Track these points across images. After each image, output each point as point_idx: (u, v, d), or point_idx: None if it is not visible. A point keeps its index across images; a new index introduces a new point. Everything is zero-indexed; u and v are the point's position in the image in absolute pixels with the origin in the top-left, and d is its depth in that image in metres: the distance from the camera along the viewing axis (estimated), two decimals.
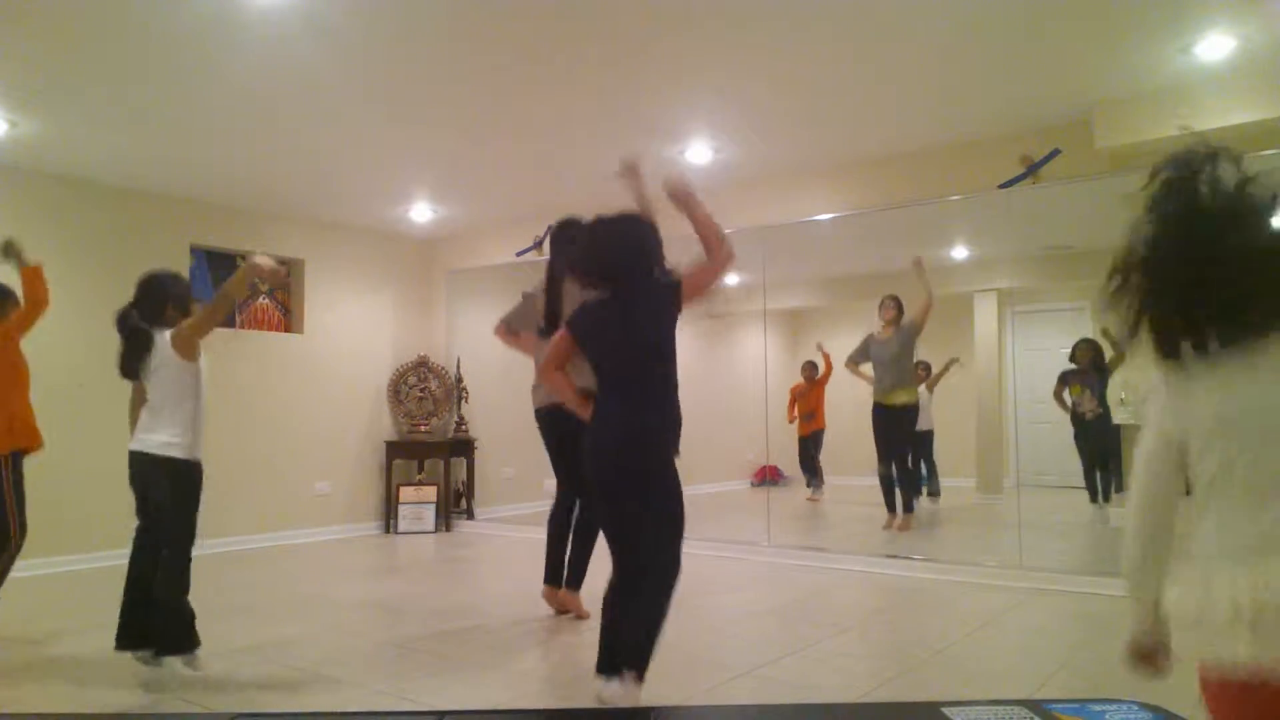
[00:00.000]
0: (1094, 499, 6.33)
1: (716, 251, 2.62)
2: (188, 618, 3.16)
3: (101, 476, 5.31)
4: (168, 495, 3.16)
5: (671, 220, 2.92)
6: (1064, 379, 6.47)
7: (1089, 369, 6.32)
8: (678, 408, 2.65)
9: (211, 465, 6.36)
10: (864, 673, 3.24)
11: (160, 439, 3.15)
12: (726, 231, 2.72)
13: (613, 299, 2.62)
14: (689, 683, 3.19)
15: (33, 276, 3.82)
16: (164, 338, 3.20)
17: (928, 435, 7.23)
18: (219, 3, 3.38)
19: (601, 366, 2.65)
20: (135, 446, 3.19)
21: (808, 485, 8.29)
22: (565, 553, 4.16)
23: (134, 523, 3.30)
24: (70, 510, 5.30)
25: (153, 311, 3.24)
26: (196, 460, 3.24)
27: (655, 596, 2.56)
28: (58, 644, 3.78)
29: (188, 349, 3.19)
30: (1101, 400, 6.27)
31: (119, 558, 3.21)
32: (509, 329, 4.41)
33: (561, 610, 4.15)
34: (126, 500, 3.27)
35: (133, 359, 3.22)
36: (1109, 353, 6.19)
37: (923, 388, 6.94)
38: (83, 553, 5.45)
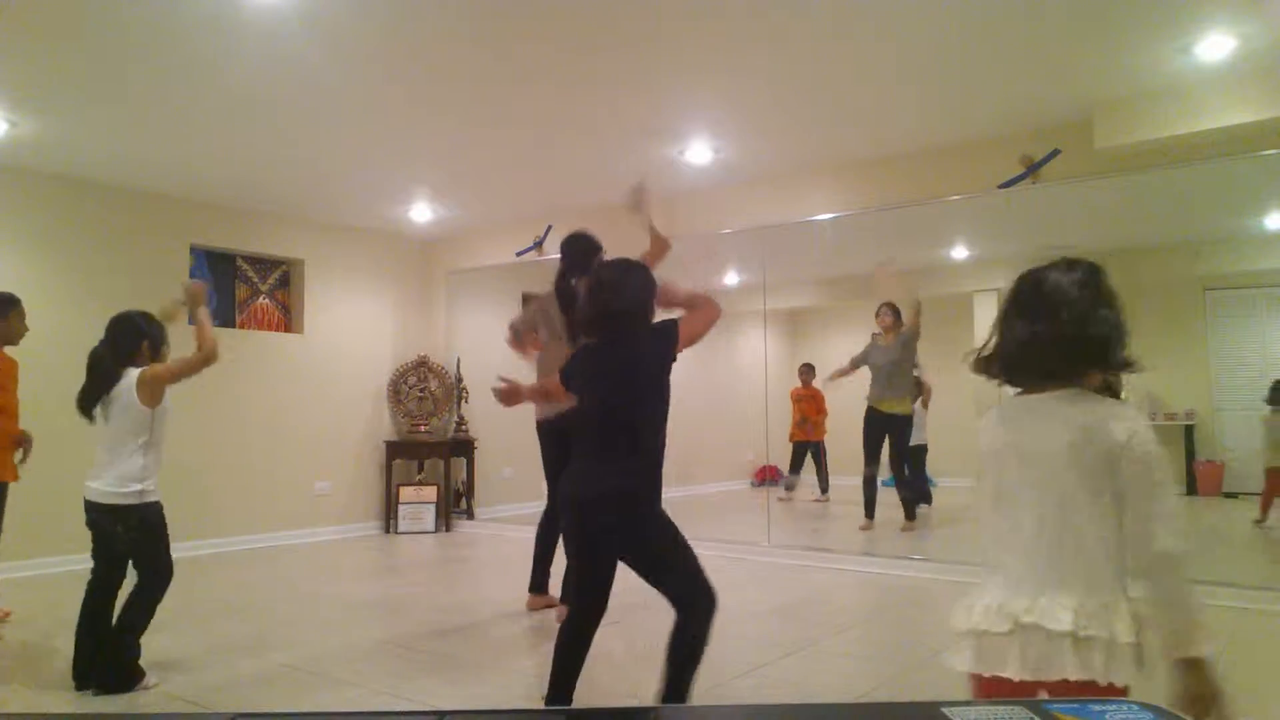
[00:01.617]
0: None
1: (708, 305, 2.60)
2: (134, 655, 3.11)
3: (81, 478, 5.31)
4: (129, 541, 3.12)
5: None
6: None
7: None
8: (658, 469, 2.55)
9: (212, 465, 6.38)
10: (864, 673, 3.24)
11: (111, 486, 3.09)
12: (725, 232, 2.73)
13: (608, 349, 2.56)
14: None
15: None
16: (129, 378, 3.13)
17: (921, 449, 7.23)
18: (218, 2, 3.38)
19: (587, 417, 2.59)
20: (89, 496, 3.13)
21: (785, 487, 8.25)
22: (552, 561, 4.19)
23: None
24: (68, 510, 5.28)
25: (127, 352, 3.18)
26: (153, 502, 3.17)
27: (701, 629, 2.47)
28: (57, 644, 3.77)
29: (152, 395, 3.14)
30: None
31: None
32: (516, 337, 4.42)
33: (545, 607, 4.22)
34: None
35: (91, 396, 3.16)
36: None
37: (918, 404, 6.94)
38: (81, 553, 5.44)
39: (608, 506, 2.49)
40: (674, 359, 2.54)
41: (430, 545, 6.63)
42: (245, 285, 6.83)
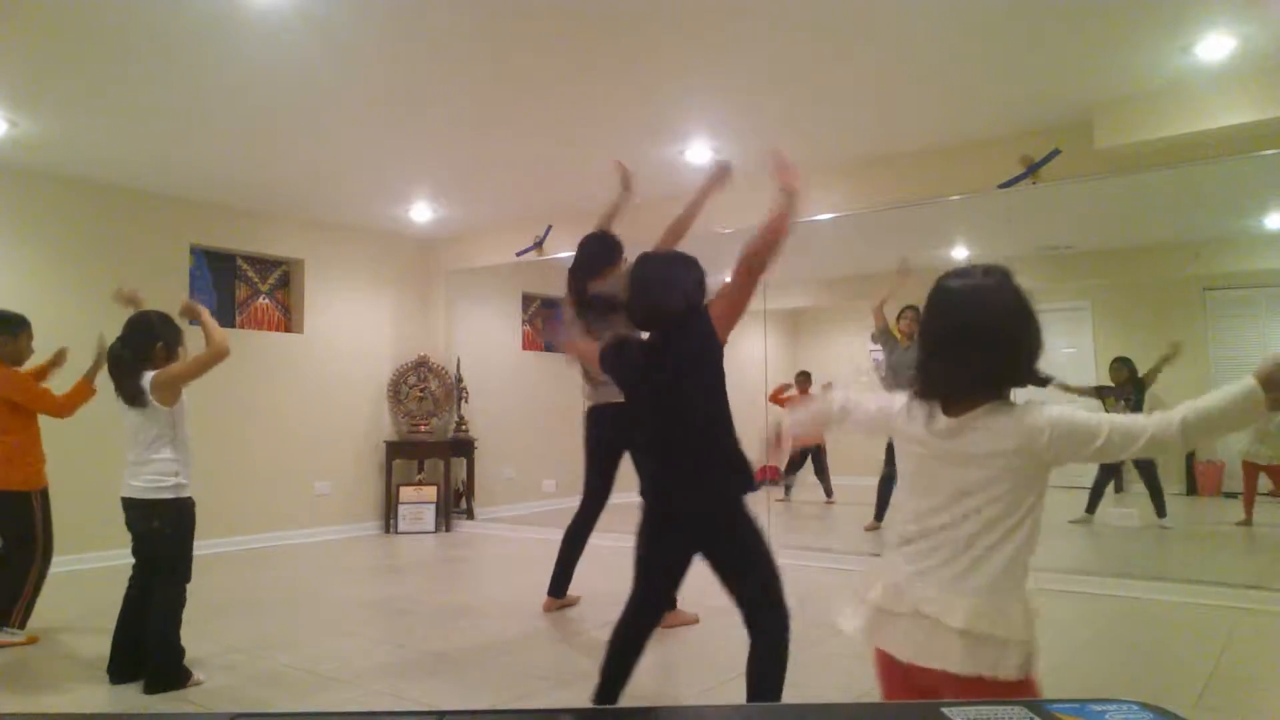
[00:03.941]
0: (1089, 510, 6.33)
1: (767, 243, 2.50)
2: (178, 655, 3.15)
3: (100, 476, 5.30)
4: (159, 535, 3.16)
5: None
6: (1100, 393, 6.49)
7: (1125, 384, 6.37)
8: (735, 450, 2.47)
9: (212, 465, 6.38)
10: (864, 673, 3.23)
11: (148, 481, 3.14)
12: (725, 231, 2.71)
13: (654, 348, 2.47)
14: (689, 683, 3.20)
15: (83, 389, 3.90)
16: (145, 380, 3.18)
17: None
18: (218, 2, 3.38)
19: (656, 423, 2.49)
20: (127, 494, 3.18)
21: (785, 489, 8.24)
22: (575, 566, 4.17)
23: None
24: (71, 510, 5.29)
25: (140, 351, 3.22)
26: (186, 498, 3.23)
27: (771, 655, 2.42)
28: (58, 644, 3.78)
29: (168, 395, 3.18)
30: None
31: (118, 558, 3.21)
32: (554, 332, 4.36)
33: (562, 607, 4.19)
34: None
35: (129, 387, 3.20)
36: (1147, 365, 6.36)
37: None
38: (83, 552, 5.44)
39: (695, 503, 2.43)
40: (721, 347, 2.45)
41: (430, 545, 6.63)
42: (245, 285, 6.83)
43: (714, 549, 2.44)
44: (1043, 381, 1.50)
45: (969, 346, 1.48)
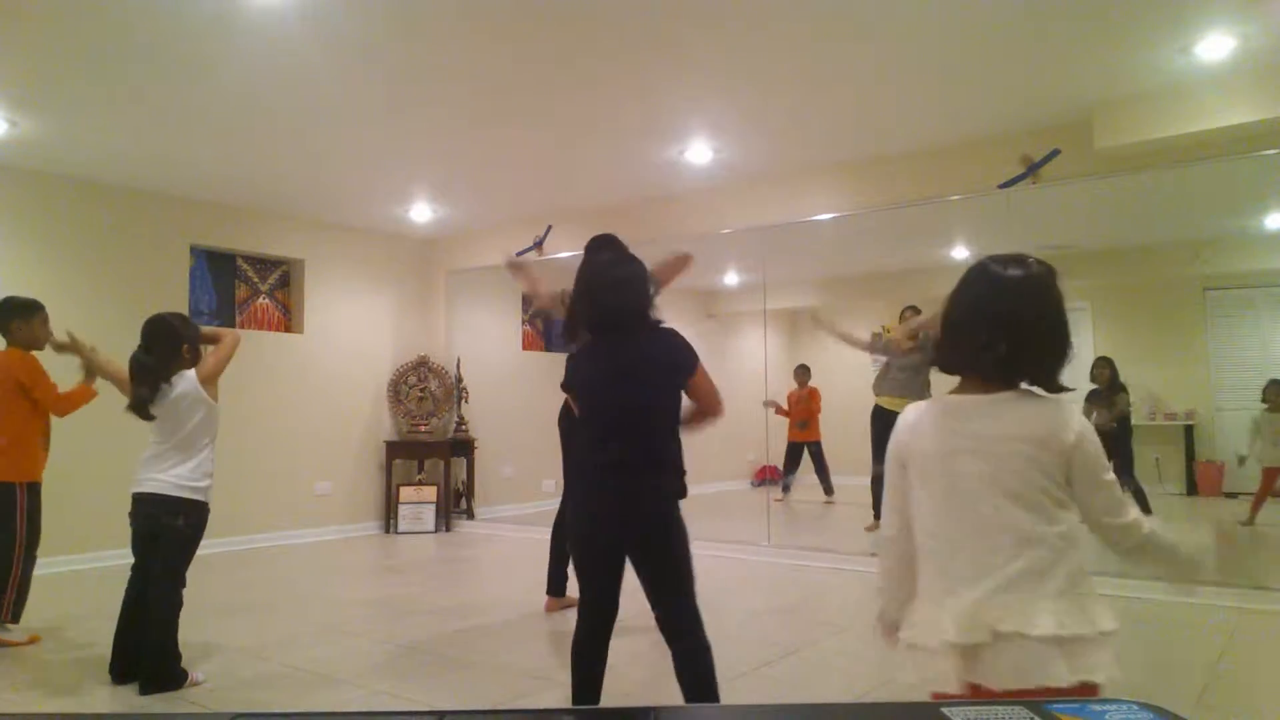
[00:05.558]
0: None
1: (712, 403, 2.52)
2: (174, 657, 3.15)
3: (100, 477, 5.30)
4: (177, 534, 3.16)
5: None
6: (1089, 398, 6.49)
7: (1106, 386, 6.39)
8: (679, 469, 2.47)
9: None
10: (864, 673, 3.24)
11: (184, 480, 3.16)
12: (725, 231, 2.72)
13: (615, 351, 2.43)
14: None
15: (84, 393, 3.85)
16: (188, 379, 3.20)
17: None
18: (218, 3, 3.38)
19: (600, 423, 2.47)
20: (148, 488, 3.16)
21: (783, 488, 8.25)
22: (569, 562, 4.17)
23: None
24: (71, 510, 5.29)
25: (169, 355, 3.23)
26: (209, 502, 3.26)
27: (705, 656, 2.41)
28: (59, 643, 3.78)
29: (215, 389, 3.25)
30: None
31: (118, 558, 3.21)
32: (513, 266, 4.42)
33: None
34: (125, 500, 3.26)
35: (148, 400, 3.20)
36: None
37: None
38: (83, 552, 5.45)
39: (632, 511, 2.40)
40: (681, 386, 2.43)
41: (430, 545, 6.63)
42: (245, 285, 6.82)
43: (649, 555, 2.41)
44: (1063, 388, 1.46)
45: (1025, 333, 1.44)
